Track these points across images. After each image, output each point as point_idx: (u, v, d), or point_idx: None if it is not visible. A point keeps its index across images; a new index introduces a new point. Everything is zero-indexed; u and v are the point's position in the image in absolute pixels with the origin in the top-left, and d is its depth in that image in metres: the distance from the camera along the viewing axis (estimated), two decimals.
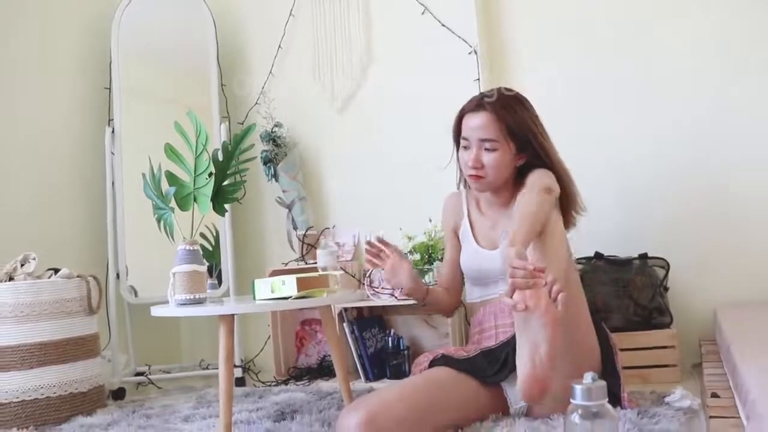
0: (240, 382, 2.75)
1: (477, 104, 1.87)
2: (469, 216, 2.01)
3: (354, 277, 2.77)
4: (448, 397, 1.65)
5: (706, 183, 2.43)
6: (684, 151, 2.46)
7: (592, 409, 1.07)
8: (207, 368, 2.95)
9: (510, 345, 1.66)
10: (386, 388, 1.70)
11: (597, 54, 2.58)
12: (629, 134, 2.53)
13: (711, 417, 1.42)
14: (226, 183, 1.98)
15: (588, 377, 1.08)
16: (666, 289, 2.34)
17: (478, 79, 2.61)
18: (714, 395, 1.58)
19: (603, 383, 1.08)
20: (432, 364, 1.80)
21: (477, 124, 1.84)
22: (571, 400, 1.08)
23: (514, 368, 1.58)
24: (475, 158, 1.85)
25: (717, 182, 2.42)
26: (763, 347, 1.52)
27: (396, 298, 2.54)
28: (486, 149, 1.84)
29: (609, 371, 1.74)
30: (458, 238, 2.04)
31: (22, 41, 2.82)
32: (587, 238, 2.36)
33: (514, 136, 1.84)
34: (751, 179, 2.38)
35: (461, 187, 2.07)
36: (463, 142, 1.90)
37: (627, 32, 2.54)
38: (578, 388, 1.07)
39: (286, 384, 2.65)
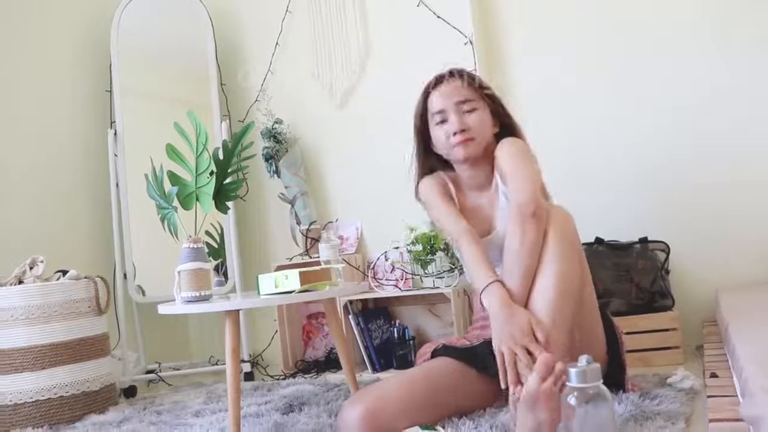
0: (249, 376, 2.79)
1: (440, 77, 1.89)
2: (457, 201, 1.93)
3: (358, 269, 2.80)
4: (448, 388, 1.66)
5: (704, 165, 2.44)
6: (683, 135, 2.46)
7: (587, 391, 1.09)
8: (216, 364, 2.99)
9: None
10: (386, 380, 1.69)
11: (592, 40, 2.58)
12: (627, 120, 2.53)
13: (709, 396, 1.44)
14: (227, 181, 2.00)
15: (582, 360, 1.10)
16: (667, 272, 2.35)
17: (475, 69, 2.61)
18: (713, 375, 1.61)
19: (597, 365, 1.10)
20: (434, 354, 1.82)
21: (450, 89, 1.85)
22: (567, 383, 1.11)
23: None
24: (459, 122, 1.81)
25: (716, 165, 2.42)
26: (760, 327, 1.53)
27: (399, 289, 2.57)
28: (465, 112, 1.83)
29: (615, 360, 1.75)
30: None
31: (22, 47, 2.85)
32: (588, 223, 2.38)
33: (487, 96, 1.86)
34: (750, 161, 2.38)
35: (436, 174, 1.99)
36: (437, 118, 1.86)
37: (624, 17, 2.54)
38: (573, 372, 1.10)
39: (294, 377, 2.68)
